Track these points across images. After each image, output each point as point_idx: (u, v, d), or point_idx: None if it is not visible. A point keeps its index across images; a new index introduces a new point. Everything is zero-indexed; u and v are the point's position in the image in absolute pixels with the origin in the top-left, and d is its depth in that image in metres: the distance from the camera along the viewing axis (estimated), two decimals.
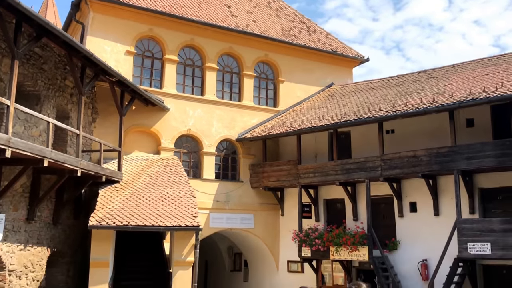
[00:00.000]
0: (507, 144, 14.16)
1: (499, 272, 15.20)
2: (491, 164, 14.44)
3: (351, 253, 16.59)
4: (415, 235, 16.65)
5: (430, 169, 15.62)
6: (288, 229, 19.85)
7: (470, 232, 14.36)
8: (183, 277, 13.64)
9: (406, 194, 17.25)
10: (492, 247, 13.87)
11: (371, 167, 16.86)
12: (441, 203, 16.37)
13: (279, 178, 19.69)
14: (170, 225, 13.42)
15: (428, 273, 16.03)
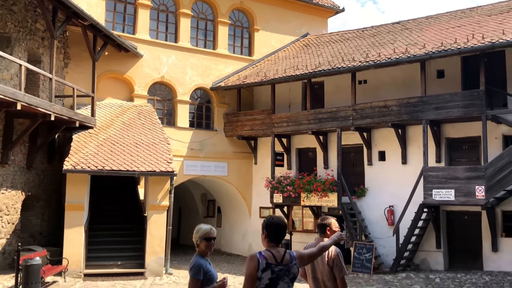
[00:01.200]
0: (474, 95, 14.62)
1: (461, 217, 15.99)
2: (458, 114, 14.93)
3: (321, 199, 17.15)
4: (382, 182, 17.25)
5: (400, 118, 16.05)
6: (261, 177, 20.27)
7: (435, 179, 14.98)
8: (158, 220, 13.96)
9: (376, 143, 17.74)
10: (455, 193, 14.54)
11: (343, 117, 17.20)
12: (408, 152, 16.92)
13: (253, 127, 19.92)
14: (145, 170, 13.59)
15: (394, 218, 16.75)
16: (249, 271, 3.86)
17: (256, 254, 3.93)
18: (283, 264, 3.91)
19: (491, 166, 14.12)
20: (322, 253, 4.39)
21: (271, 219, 4.04)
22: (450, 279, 13.90)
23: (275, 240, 4.02)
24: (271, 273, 3.84)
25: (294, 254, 4.06)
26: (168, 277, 13.73)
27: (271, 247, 4.00)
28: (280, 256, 3.94)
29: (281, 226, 4.04)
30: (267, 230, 4.01)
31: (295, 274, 3.97)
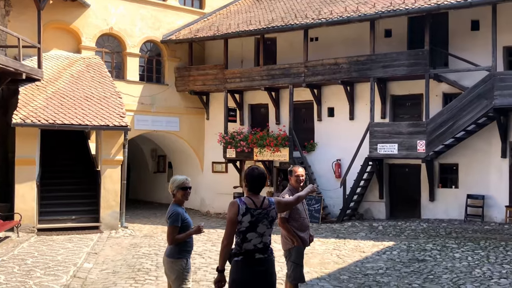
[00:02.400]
0: (419, 54, 15.32)
1: (402, 170, 17.02)
2: (404, 73, 15.65)
3: (274, 153, 17.66)
4: (331, 137, 17.94)
5: (350, 76, 16.61)
6: (213, 132, 20.48)
7: (380, 134, 15.79)
8: (112, 175, 13.98)
9: (325, 100, 18.30)
10: (399, 147, 15.43)
11: (295, 73, 17.56)
12: (356, 108, 17.61)
13: (205, 82, 19.94)
14: (98, 124, 13.46)
15: (341, 171, 17.57)
16: (230, 215, 4.19)
17: (237, 201, 4.26)
18: (262, 208, 4.26)
19: (432, 122, 15.03)
20: (298, 202, 4.81)
21: (252, 170, 4.35)
22: (392, 226, 14.93)
23: (255, 190, 4.34)
24: (250, 217, 4.18)
25: (273, 199, 4.42)
26: (123, 230, 13.92)
27: (251, 195, 4.32)
28: (259, 202, 4.28)
29: (261, 177, 4.36)
30: (247, 180, 4.32)
31: (273, 217, 4.33)
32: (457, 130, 14.69)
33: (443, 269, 9.03)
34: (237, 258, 4.22)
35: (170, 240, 5.07)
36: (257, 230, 4.21)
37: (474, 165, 15.52)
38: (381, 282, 8.26)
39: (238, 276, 4.18)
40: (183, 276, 5.11)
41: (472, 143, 15.41)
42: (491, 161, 15.23)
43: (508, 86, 13.83)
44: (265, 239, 4.27)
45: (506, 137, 14.86)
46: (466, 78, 15.48)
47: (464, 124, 14.54)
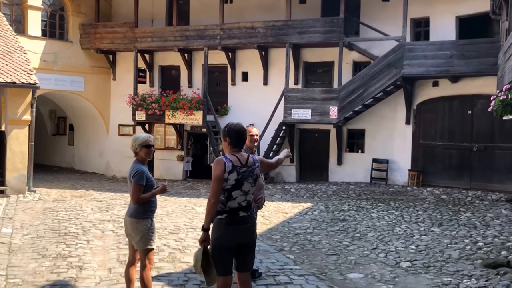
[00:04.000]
0: (334, 21, 15.75)
1: (312, 135, 17.63)
2: (319, 40, 16.02)
3: (187, 117, 17.34)
4: (244, 102, 18.00)
5: (266, 41, 16.65)
6: (120, 93, 19.59)
7: (295, 100, 16.15)
8: (19, 136, 12.82)
9: (240, 64, 18.24)
10: (312, 113, 15.92)
11: (211, 36, 17.22)
12: (270, 73, 17.78)
13: (114, 41, 18.88)
14: (3, 81, 12.17)
15: None
16: (217, 173, 4.04)
17: (222, 158, 4.11)
18: (247, 166, 4.16)
19: (344, 89, 15.66)
20: (278, 165, 4.75)
21: (232, 126, 4.21)
22: (304, 189, 15.50)
23: (238, 145, 4.22)
24: (237, 174, 4.07)
25: (256, 158, 4.33)
26: (31, 194, 12.95)
27: (234, 152, 4.19)
28: (244, 159, 4.17)
29: (242, 132, 4.24)
30: (229, 136, 4.18)
31: (257, 175, 4.25)
32: (368, 97, 15.46)
33: (366, 227, 9.59)
34: (220, 216, 4.12)
35: (135, 200, 4.82)
36: (242, 188, 4.12)
37: (380, 131, 16.50)
38: (313, 240, 8.57)
39: (222, 233, 4.10)
40: (148, 237, 4.92)
41: (379, 110, 16.33)
42: (396, 127, 16.28)
43: (416, 56, 14.76)
44: (249, 197, 4.20)
45: (410, 104, 15.94)
46: (375, 47, 16.24)
47: (374, 92, 15.32)
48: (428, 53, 14.67)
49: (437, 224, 9.79)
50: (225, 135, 4.21)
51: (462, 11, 15.22)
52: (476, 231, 9.06)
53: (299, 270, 6.61)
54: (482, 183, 14.63)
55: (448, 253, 7.52)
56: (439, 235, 8.82)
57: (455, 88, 15.29)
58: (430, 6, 15.58)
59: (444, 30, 15.39)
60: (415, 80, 15.71)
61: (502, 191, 13.91)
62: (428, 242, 8.24)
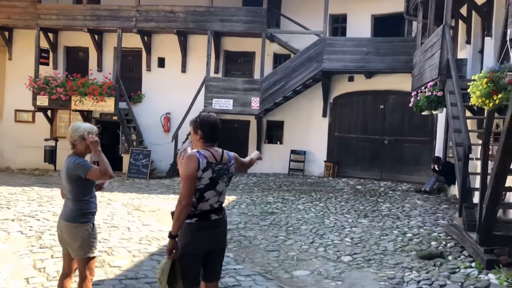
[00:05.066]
0: (258, 12, 15.56)
1: (231, 125, 17.33)
2: (242, 29, 15.75)
3: (97, 103, 16.23)
4: (160, 89, 17.27)
5: (186, 26, 16.05)
6: (18, 75, 17.84)
7: (216, 89, 15.76)
8: None
9: (156, 49, 17.45)
10: (234, 103, 15.66)
11: (125, 17, 16.24)
12: (188, 61, 17.22)
13: (11, 16, 17.14)
14: None
15: (170, 125, 17.13)
16: (189, 171, 3.57)
17: (196, 154, 3.65)
18: (223, 163, 3.75)
19: (266, 80, 15.56)
20: (251, 166, 4.34)
21: (205, 117, 3.77)
22: None
23: (211, 139, 3.79)
24: (211, 172, 3.65)
25: (231, 154, 3.93)
26: None
27: (208, 147, 3.76)
28: (219, 155, 3.76)
29: (217, 124, 3.82)
30: (202, 129, 3.73)
31: (232, 173, 3.86)
32: (289, 90, 15.51)
33: (296, 220, 9.53)
34: (190, 220, 3.66)
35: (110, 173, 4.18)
36: (216, 188, 3.70)
37: (298, 123, 16.67)
38: (248, 236, 8.32)
39: (192, 240, 3.63)
40: (90, 243, 4.28)
41: (297, 102, 16.47)
42: (313, 120, 16.53)
43: (335, 51, 15.04)
44: (221, 198, 3.80)
45: (327, 98, 16.25)
46: (295, 40, 16.33)
47: (295, 84, 15.40)
48: (347, 48, 15.03)
49: (363, 215, 10.01)
50: (196, 127, 3.75)
51: (378, 10, 15.79)
52: (401, 222, 9.37)
53: (243, 270, 6.33)
54: (392, 174, 15.35)
55: (383, 245, 7.66)
56: (368, 226, 9.00)
57: (369, 84, 15.83)
58: (348, 3, 15.98)
59: (360, 27, 15.88)
60: (332, 75, 16.03)
61: (409, 181, 14.69)
62: (361, 235, 8.34)
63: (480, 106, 5.07)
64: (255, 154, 4.41)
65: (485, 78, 4.81)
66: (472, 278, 5.90)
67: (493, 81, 4.76)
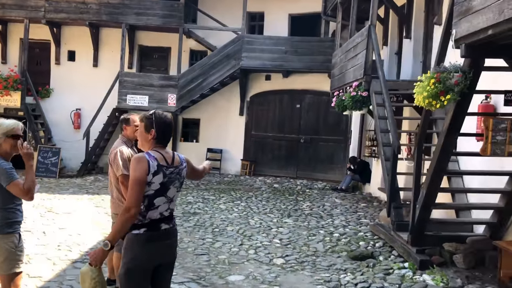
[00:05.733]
0: (175, 6, 15.11)
1: None
2: (158, 23, 15.21)
3: (2, 97, 14.90)
4: (70, 84, 16.24)
5: (99, 18, 15.19)
6: None
7: (131, 85, 15.09)
8: None
9: (66, 42, 16.37)
10: (149, 99, 15.09)
11: (33, 7, 15.05)
12: (101, 55, 16.35)
13: None
14: None
15: (81, 122, 16.15)
16: (139, 174, 3.20)
17: (145, 156, 3.29)
18: (174, 166, 3.42)
19: (183, 77, 15.16)
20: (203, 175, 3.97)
21: (161, 116, 3.42)
22: None
23: (164, 141, 3.45)
24: (162, 177, 3.31)
25: (183, 156, 3.60)
26: None
27: (158, 148, 3.41)
28: (170, 158, 3.42)
29: (172, 124, 3.49)
30: (157, 129, 3.38)
31: (184, 177, 3.53)
32: (207, 87, 15.24)
33: (221, 221, 9.33)
34: (137, 230, 3.30)
35: (32, 194, 3.69)
36: (167, 194, 3.36)
37: (214, 121, 16.45)
38: None
39: (140, 253, 3.27)
40: (16, 257, 3.81)
41: (214, 100, 16.26)
42: (230, 118, 16.40)
43: (254, 49, 15.00)
44: (172, 206, 3.47)
45: (244, 96, 16.19)
46: (212, 37, 16.08)
47: (213, 82, 15.17)
48: (265, 47, 15.07)
49: (286, 214, 10.04)
50: (149, 125, 3.38)
51: (295, 10, 16.00)
52: (324, 221, 9.51)
53: (175, 277, 5.99)
54: (307, 172, 15.65)
55: (313, 246, 7.68)
56: (294, 226, 9.02)
57: (285, 83, 16.01)
58: (265, 1, 16.04)
59: (278, 26, 16.01)
60: (250, 73, 15.99)
61: (324, 180, 15.07)
62: (289, 235, 8.32)
63: (426, 107, 5.16)
64: (207, 163, 4.10)
65: (433, 79, 4.88)
66: (408, 279, 6.05)
67: (440, 81, 4.84)
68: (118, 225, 3.22)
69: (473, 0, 4.63)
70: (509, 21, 4.02)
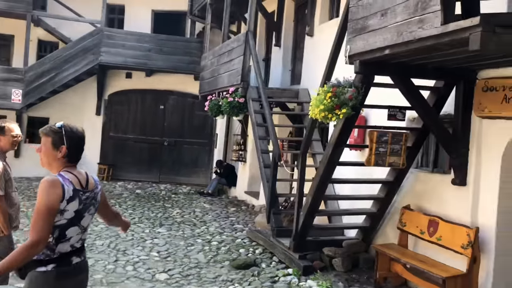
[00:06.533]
0: None
1: None
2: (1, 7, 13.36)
3: None
4: None
5: None
6: None
7: None
8: None
9: None
10: None
11: None
12: None
13: None
14: None
15: None
16: (51, 201, 2.56)
17: (59, 178, 2.65)
18: (90, 190, 2.83)
19: (31, 70, 13.62)
20: (115, 220, 3.25)
21: (74, 130, 2.81)
22: None
23: (76, 159, 2.84)
24: (78, 203, 2.71)
25: (97, 178, 3.00)
26: None
27: (69, 168, 2.79)
28: (84, 180, 2.81)
29: (84, 138, 2.89)
30: (68, 145, 2.76)
31: (99, 201, 2.95)
32: (60, 82, 13.90)
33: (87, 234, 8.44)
34: (44, 267, 2.65)
35: None
36: (81, 223, 2.76)
37: (67, 121, 14.70)
38: None
39: None
40: None
41: (66, 97, 14.87)
42: (85, 118, 15.09)
43: (115, 44, 14.04)
44: (85, 235, 2.87)
45: (102, 94, 15.10)
46: (65, 27, 14.70)
47: (68, 77, 13.89)
48: (128, 43, 14.24)
49: (158, 224, 9.50)
50: (58, 141, 2.76)
51: (159, 6, 15.41)
52: (199, 229, 9.20)
53: None
54: (171, 176, 15.17)
55: (194, 257, 7.32)
56: (169, 236, 8.55)
57: (148, 82, 15.33)
58: None
59: (140, 21, 15.27)
60: (108, 69, 14.96)
61: (188, 184, 14.75)
62: (166, 247, 7.84)
63: (321, 120, 5.17)
64: (125, 223, 3.41)
65: (329, 93, 4.91)
66: (294, 286, 6.05)
67: (336, 96, 4.89)
68: (17, 257, 2.55)
69: (370, 19, 4.77)
70: (407, 44, 4.20)
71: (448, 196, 5.64)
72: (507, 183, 5.01)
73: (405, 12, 4.21)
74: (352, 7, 5.10)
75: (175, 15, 15.42)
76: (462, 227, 5.22)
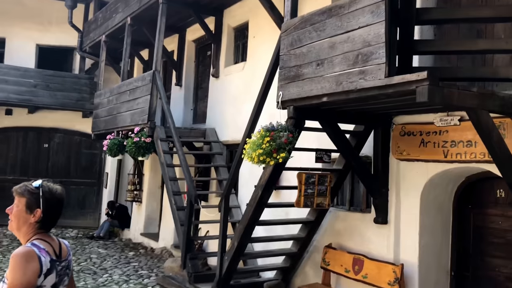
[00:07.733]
0: None
1: None
2: None
3: None
4: None
5: None
6: None
7: None
8: None
9: None
10: None
11: None
12: None
13: None
14: None
15: None
16: (26, 280, 2.19)
17: (35, 250, 2.27)
18: (64, 259, 2.47)
19: None
20: None
21: (51, 189, 2.44)
22: None
23: (51, 226, 2.47)
24: (55, 276, 2.35)
25: (67, 243, 2.62)
26: None
27: (41, 235, 2.42)
28: (57, 247, 2.44)
29: (64, 201, 2.53)
30: (44, 208, 2.38)
31: (71, 270, 2.58)
32: None
33: None
34: None
35: None
36: None
37: None
38: None
39: None
40: None
41: None
42: None
43: None
44: None
45: None
46: None
47: None
48: (11, 78, 13.18)
49: None
50: (34, 203, 2.40)
51: (44, 41, 14.56)
52: (101, 277, 8.56)
53: None
54: None
55: None
56: None
57: (31, 119, 14.26)
58: (7, 27, 14.11)
59: (23, 55, 14.25)
60: None
61: (75, 226, 13.75)
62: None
63: (259, 164, 5.16)
64: None
65: (267, 137, 4.94)
66: None
67: (273, 140, 4.94)
68: None
69: (304, 68, 4.95)
70: (348, 93, 4.42)
71: (370, 234, 5.93)
72: (426, 221, 5.42)
73: (343, 63, 4.44)
74: (284, 55, 5.25)
75: (62, 50, 14.65)
76: (388, 264, 5.50)
